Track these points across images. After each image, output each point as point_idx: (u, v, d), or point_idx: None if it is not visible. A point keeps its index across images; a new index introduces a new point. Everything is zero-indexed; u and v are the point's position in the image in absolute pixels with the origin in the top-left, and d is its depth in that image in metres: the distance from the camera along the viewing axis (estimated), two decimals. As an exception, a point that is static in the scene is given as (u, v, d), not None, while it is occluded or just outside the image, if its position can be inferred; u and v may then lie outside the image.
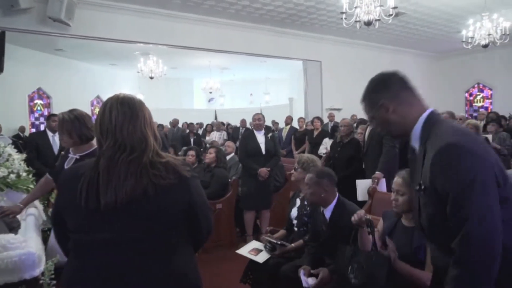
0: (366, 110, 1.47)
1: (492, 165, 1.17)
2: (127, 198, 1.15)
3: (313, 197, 2.43)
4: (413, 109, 1.36)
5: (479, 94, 12.64)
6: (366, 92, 1.47)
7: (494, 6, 7.38)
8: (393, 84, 1.40)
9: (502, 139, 5.66)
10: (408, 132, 1.35)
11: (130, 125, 1.23)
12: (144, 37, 7.79)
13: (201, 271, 1.37)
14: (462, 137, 1.20)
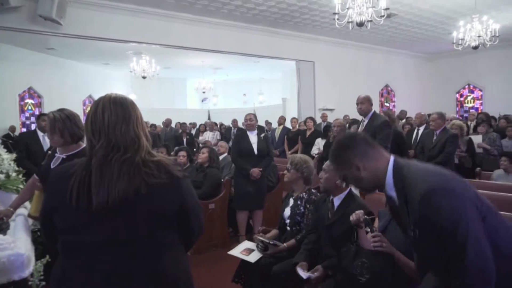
0: (337, 169, 1.58)
1: (471, 198, 1.29)
2: (119, 198, 1.14)
3: (327, 183, 2.51)
4: (379, 162, 1.45)
5: (470, 95, 12.80)
6: (335, 153, 1.54)
7: (484, 8, 7.48)
8: (359, 144, 1.48)
9: (492, 139, 5.74)
10: (381, 183, 1.45)
11: (123, 125, 1.23)
12: (137, 37, 7.76)
13: (194, 271, 1.37)
14: (436, 178, 1.30)
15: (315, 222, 2.68)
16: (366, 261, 1.93)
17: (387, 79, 12.45)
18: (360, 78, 11.15)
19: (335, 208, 2.51)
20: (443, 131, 4.61)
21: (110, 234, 1.16)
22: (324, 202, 2.64)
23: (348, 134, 1.64)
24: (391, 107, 12.60)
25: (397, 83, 12.67)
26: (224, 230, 4.56)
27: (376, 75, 11.89)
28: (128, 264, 1.17)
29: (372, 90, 11.75)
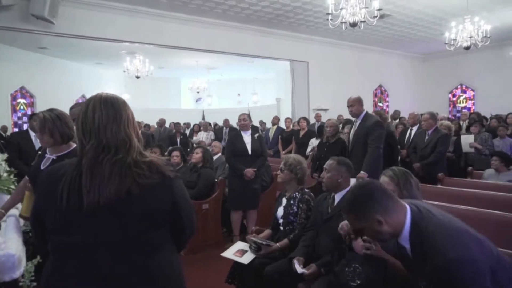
0: (353, 221, 1.50)
1: (489, 261, 1.32)
2: (111, 198, 1.14)
3: (330, 181, 2.58)
4: (400, 215, 1.45)
5: (462, 95, 12.92)
6: (354, 205, 1.49)
7: (476, 9, 7.55)
8: (381, 198, 1.45)
9: (484, 139, 5.81)
10: (397, 235, 1.45)
11: (114, 125, 1.22)
12: (130, 36, 7.73)
13: (187, 271, 1.37)
14: (460, 245, 1.31)
15: (314, 219, 2.71)
16: (358, 267, 1.95)
17: (381, 79, 12.53)
18: (354, 78, 11.20)
19: (335, 203, 2.56)
20: (434, 131, 4.66)
21: (101, 235, 1.16)
22: (325, 199, 2.68)
23: (366, 185, 1.53)
24: (384, 107, 12.68)
25: (391, 83, 12.75)
26: (218, 230, 4.56)
27: (370, 75, 11.96)
28: (119, 265, 1.17)
29: (366, 90, 11.83)
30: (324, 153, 4.44)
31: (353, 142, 4.00)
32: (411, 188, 2.01)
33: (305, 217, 2.81)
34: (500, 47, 10.90)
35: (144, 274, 1.19)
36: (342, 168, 2.58)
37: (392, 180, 2.03)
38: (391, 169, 2.12)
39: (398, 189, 2.00)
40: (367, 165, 3.66)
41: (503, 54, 10.78)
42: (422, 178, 4.42)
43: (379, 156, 3.76)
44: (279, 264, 2.56)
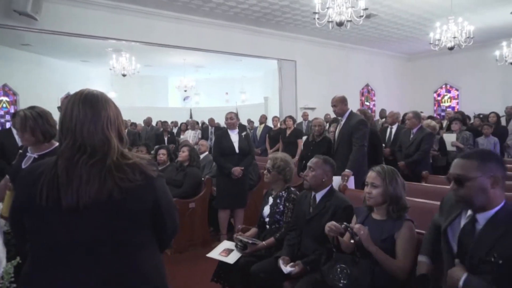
0: (469, 168, 1.51)
1: None
2: (90, 202, 1.12)
3: (314, 180, 2.57)
4: (501, 195, 1.52)
5: (447, 94, 13.15)
6: (487, 155, 1.55)
7: (460, 10, 7.69)
8: (504, 171, 1.54)
9: (465, 138, 5.91)
10: (486, 208, 1.51)
11: (91, 125, 1.18)
12: (116, 34, 7.62)
13: (173, 271, 1.37)
14: None
15: (296, 218, 2.72)
16: (345, 267, 1.97)
17: (368, 79, 12.65)
18: (341, 77, 11.28)
19: (316, 202, 2.57)
20: (419, 129, 4.74)
21: (80, 235, 1.14)
22: (306, 198, 2.69)
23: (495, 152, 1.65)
24: (371, 106, 12.82)
25: (377, 82, 12.90)
26: (205, 229, 4.54)
27: (357, 74, 12.07)
28: (99, 265, 1.15)
29: (353, 89, 11.95)
30: (310, 152, 4.47)
31: (338, 141, 4.03)
32: (396, 186, 2.05)
33: (291, 216, 2.82)
34: (483, 47, 11.13)
35: (126, 274, 1.18)
36: (327, 167, 2.60)
37: (379, 175, 2.07)
38: (380, 166, 2.16)
39: (384, 184, 2.04)
40: (352, 163, 3.69)
41: (486, 55, 11.00)
42: (407, 176, 4.49)
43: (363, 154, 3.80)
44: (265, 263, 2.56)
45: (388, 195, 2.03)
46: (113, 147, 1.19)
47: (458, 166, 1.55)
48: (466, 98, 12.40)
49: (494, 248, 1.44)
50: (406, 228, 1.99)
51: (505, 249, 1.41)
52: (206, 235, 4.53)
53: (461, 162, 1.55)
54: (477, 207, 1.53)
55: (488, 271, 1.43)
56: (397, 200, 2.04)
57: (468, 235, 1.55)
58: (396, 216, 2.03)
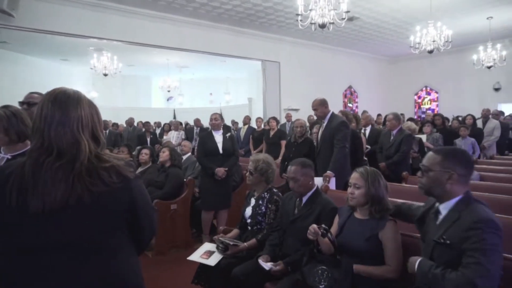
0: (435, 160, 1.70)
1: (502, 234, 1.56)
2: (57, 205, 1.08)
3: (302, 188, 2.56)
4: (461, 189, 1.69)
5: (427, 97, 13.46)
6: (452, 152, 1.75)
7: (439, 14, 7.88)
8: (469, 169, 1.73)
9: (435, 139, 6.14)
10: (444, 200, 1.70)
11: (59, 125, 1.14)
12: (97, 32, 7.49)
13: (154, 273, 1.35)
14: (490, 214, 1.60)
15: (280, 219, 2.72)
16: (326, 269, 1.97)
17: (351, 80, 12.82)
18: (324, 79, 11.40)
19: (302, 204, 2.58)
20: (399, 131, 4.82)
21: (52, 239, 1.11)
22: (291, 199, 2.69)
23: (469, 155, 1.84)
24: (354, 108, 12.98)
25: (360, 84, 13.09)
26: (187, 231, 4.50)
27: (340, 76, 12.21)
28: (73, 268, 1.12)
29: (336, 91, 12.09)
30: (292, 153, 4.49)
31: (321, 143, 4.06)
32: (378, 187, 2.08)
33: (274, 217, 2.82)
34: (461, 51, 11.45)
35: (100, 277, 1.16)
36: (308, 170, 2.59)
37: (362, 176, 2.11)
38: (364, 167, 2.19)
39: (366, 185, 2.07)
40: (333, 164, 3.72)
41: (464, 59, 11.31)
42: (387, 177, 4.56)
43: (345, 155, 3.83)
44: (247, 265, 2.55)
45: (370, 195, 2.06)
46: (84, 149, 1.14)
47: (427, 158, 1.77)
48: (445, 101, 12.72)
49: (446, 232, 1.62)
50: (390, 228, 2.02)
51: (454, 231, 1.59)
52: (188, 237, 4.48)
53: (430, 155, 1.76)
54: (435, 196, 1.74)
55: (442, 253, 1.62)
56: (379, 201, 2.06)
57: (430, 223, 1.76)
58: (379, 216, 2.05)
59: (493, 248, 1.49)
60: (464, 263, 1.51)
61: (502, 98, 11.52)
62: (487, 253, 1.48)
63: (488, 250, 1.48)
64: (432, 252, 1.67)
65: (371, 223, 2.06)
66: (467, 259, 1.51)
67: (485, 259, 1.47)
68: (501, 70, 10.20)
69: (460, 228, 1.57)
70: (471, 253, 1.50)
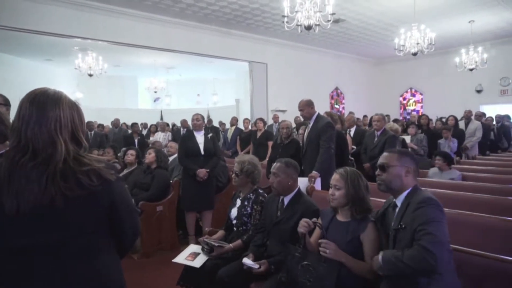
0: (391, 159, 1.95)
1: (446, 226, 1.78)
2: (31, 207, 1.07)
3: (280, 185, 2.57)
4: (412, 182, 1.94)
5: (412, 98, 13.69)
6: (404, 152, 2.05)
7: (422, 17, 8.03)
8: (417, 165, 1.99)
9: (419, 140, 6.24)
10: (400, 192, 1.92)
11: (36, 125, 1.12)
12: (82, 32, 7.38)
13: (140, 275, 1.35)
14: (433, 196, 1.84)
15: (264, 220, 2.73)
16: (310, 264, 1.98)
17: (337, 82, 12.94)
18: (311, 80, 11.48)
19: (284, 206, 2.59)
20: (383, 132, 4.89)
21: (30, 241, 1.10)
22: (274, 201, 2.70)
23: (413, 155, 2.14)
24: (340, 109, 13.11)
25: (347, 85, 13.22)
26: (173, 232, 4.47)
27: (327, 78, 12.32)
28: (51, 271, 1.11)
29: (323, 92, 12.19)
30: (279, 154, 4.50)
31: (307, 143, 4.09)
32: (359, 187, 2.09)
33: (259, 218, 2.82)
34: (444, 54, 11.68)
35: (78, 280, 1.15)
36: (291, 170, 2.60)
37: (342, 177, 2.12)
38: (344, 168, 2.19)
39: (346, 186, 2.09)
40: (318, 164, 3.75)
41: (447, 61, 11.55)
42: (372, 177, 4.63)
43: (330, 156, 3.87)
44: (232, 266, 2.55)
45: (350, 196, 2.08)
46: (60, 150, 1.12)
47: (383, 157, 2.00)
48: (429, 102, 12.96)
49: (402, 219, 1.83)
50: (371, 229, 2.04)
51: (407, 216, 1.81)
52: (174, 239, 4.46)
53: (385, 155, 2.01)
54: (394, 190, 1.94)
55: (401, 239, 1.81)
56: (360, 202, 2.08)
57: (390, 216, 1.97)
58: (360, 217, 2.07)
59: (436, 220, 1.72)
60: (417, 237, 1.72)
61: (484, 100, 11.81)
62: (432, 224, 1.70)
63: (432, 221, 1.71)
64: (394, 241, 1.86)
65: (353, 225, 2.08)
66: (418, 233, 1.72)
67: (431, 228, 1.69)
68: (483, 72, 10.45)
69: (410, 211, 1.80)
70: (420, 227, 1.72)
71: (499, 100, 11.52)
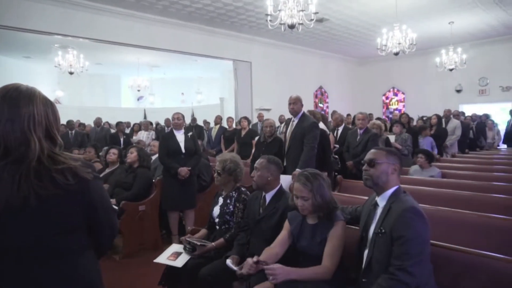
0: (380, 156, 1.97)
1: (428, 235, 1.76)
2: (1, 208, 1.04)
3: (260, 179, 2.57)
4: (396, 182, 1.95)
5: (394, 97, 13.91)
6: (392, 151, 2.05)
7: (404, 18, 8.17)
8: (400, 164, 2.00)
9: (404, 139, 6.25)
10: (384, 190, 1.93)
11: (8, 122, 1.09)
12: (62, 29, 7.21)
13: (122, 276, 1.32)
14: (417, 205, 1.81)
15: (247, 218, 2.72)
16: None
17: (321, 81, 13.04)
18: (296, 79, 11.53)
19: (266, 203, 2.59)
20: (365, 131, 4.96)
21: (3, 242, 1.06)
22: (256, 199, 2.70)
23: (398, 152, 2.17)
24: (324, 108, 13.22)
25: (330, 84, 13.34)
26: (156, 232, 4.43)
27: (311, 77, 12.40)
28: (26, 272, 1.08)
29: (307, 91, 12.26)
30: (262, 152, 4.50)
31: (290, 141, 4.11)
32: (323, 192, 2.08)
33: (242, 216, 2.82)
34: (425, 54, 11.92)
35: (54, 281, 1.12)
36: (272, 167, 2.61)
37: (306, 187, 2.09)
38: (304, 175, 2.14)
39: (312, 196, 2.06)
40: (302, 163, 3.78)
41: (428, 61, 11.78)
42: (355, 175, 4.69)
43: (313, 155, 3.91)
44: (214, 265, 2.54)
45: (318, 204, 2.07)
46: (33, 148, 1.09)
47: (372, 153, 2.01)
48: (411, 101, 13.20)
49: (382, 224, 1.81)
50: (338, 227, 2.05)
51: (387, 222, 1.79)
52: (157, 239, 4.41)
53: (374, 151, 2.02)
54: (379, 186, 1.94)
55: (380, 243, 1.80)
56: (326, 205, 2.08)
57: (370, 215, 1.97)
58: (328, 218, 2.09)
59: (418, 235, 1.69)
60: (395, 253, 1.70)
61: (463, 99, 12.10)
62: (413, 241, 1.67)
63: (414, 238, 1.68)
64: (373, 243, 1.85)
65: (322, 226, 2.09)
66: (397, 248, 1.70)
67: (413, 250, 1.66)
68: (462, 72, 10.71)
69: (392, 217, 1.78)
70: (400, 242, 1.69)
71: (477, 100, 11.82)
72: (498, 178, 4.30)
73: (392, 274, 1.66)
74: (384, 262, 1.75)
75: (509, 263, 1.73)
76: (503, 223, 2.44)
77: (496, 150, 8.45)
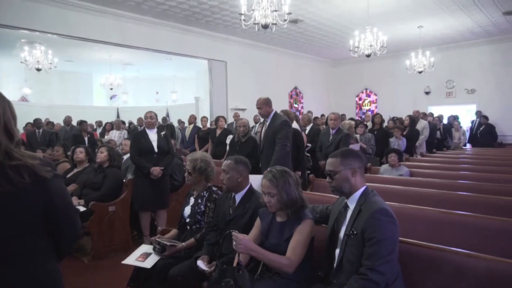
0: (335, 163, 1.94)
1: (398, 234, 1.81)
2: None
3: (230, 182, 2.55)
4: (361, 183, 1.95)
5: (367, 98, 14.24)
6: (345, 152, 2.00)
7: (375, 21, 8.37)
8: (361, 163, 1.99)
9: (367, 139, 6.51)
10: (351, 193, 1.93)
11: None
12: (29, 23, 6.93)
13: (90, 278, 1.28)
14: (386, 206, 1.83)
15: (217, 218, 2.70)
16: (229, 280, 1.93)
17: (296, 82, 13.17)
18: (271, 79, 11.59)
19: (236, 203, 2.58)
20: (337, 131, 5.05)
21: None
22: (226, 198, 2.68)
23: (357, 151, 2.14)
24: (299, 108, 13.35)
25: (305, 85, 13.49)
26: (127, 233, 4.32)
27: (286, 77, 12.50)
28: None
29: (282, 91, 12.35)
30: (236, 152, 4.50)
31: (264, 141, 4.12)
32: (289, 189, 2.09)
33: (213, 216, 2.80)
34: (396, 57, 12.27)
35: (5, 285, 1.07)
36: (240, 167, 2.58)
37: (272, 184, 2.10)
38: (271, 172, 2.16)
39: (278, 192, 2.08)
40: (274, 162, 3.78)
41: (398, 64, 12.12)
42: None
43: (286, 153, 3.93)
44: (184, 265, 2.51)
45: (284, 201, 2.09)
46: None
47: (328, 164, 2.00)
48: (383, 102, 13.55)
49: (353, 225, 1.84)
50: (304, 224, 2.07)
51: (358, 223, 1.82)
52: (127, 240, 4.31)
53: (330, 161, 2.00)
54: (346, 193, 1.95)
55: (352, 245, 1.82)
56: (294, 202, 2.10)
57: (341, 218, 1.99)
58: (296, 216, 2.10)
59: (388, 236, 1.73)
60: (365, 253, 1.74)
61: (431, 101, 12.53)
62: (382, 242, 1.71)
63: (383, 239, 1.71)
64: (345, 244, 1.87)
65: (290, 224, 2.11)
66: (368, 249, 1.73)
67: (383, 250, 1.70)
68: (431, 75, 11.11)
69: (362, 219, 1.80)
70: (370, 242, 1.72)
71: (445, 102, 12.28)
72: (463, 177, 4.48)
73: (363, 275, 1.70)
74: (355, 262, 1.79)
75: (468, 257, 1.81)
76: (467, 219, 2.54)
77: (462, 150, 8.82)
